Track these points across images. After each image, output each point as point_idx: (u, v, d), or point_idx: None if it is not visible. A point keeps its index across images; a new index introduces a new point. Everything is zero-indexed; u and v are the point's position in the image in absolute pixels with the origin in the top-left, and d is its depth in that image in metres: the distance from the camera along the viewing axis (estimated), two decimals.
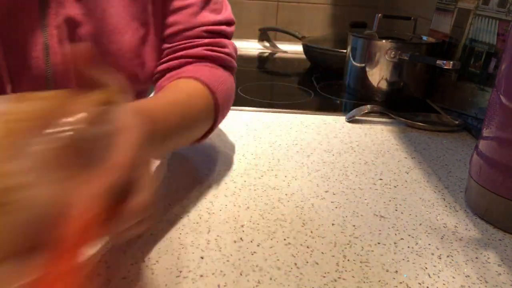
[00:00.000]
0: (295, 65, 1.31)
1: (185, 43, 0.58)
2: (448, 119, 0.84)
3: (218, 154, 0.65)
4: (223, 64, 0.59)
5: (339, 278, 0.40)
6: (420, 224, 0.50)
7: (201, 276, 0.40)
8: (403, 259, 0.44)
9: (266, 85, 1.08)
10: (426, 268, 0.43)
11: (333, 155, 0.68)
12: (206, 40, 0.58)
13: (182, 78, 0.54)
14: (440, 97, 0.95)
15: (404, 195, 0.56)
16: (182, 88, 0.53)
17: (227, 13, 0.62)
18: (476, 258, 0.45)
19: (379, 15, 1.01)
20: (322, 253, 0.44)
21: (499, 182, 0.49)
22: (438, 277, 0.41)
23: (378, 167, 0.64)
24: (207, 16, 0.59)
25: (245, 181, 0.58)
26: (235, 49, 0.64)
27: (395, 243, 0.46)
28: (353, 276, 0.41)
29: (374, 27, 1.01)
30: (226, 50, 0.59)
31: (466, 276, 0.42)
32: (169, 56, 0.57)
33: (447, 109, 0.91)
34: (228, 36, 0.62)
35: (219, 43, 0.59)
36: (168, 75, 0.57)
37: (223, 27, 0.60)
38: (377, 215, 0.51)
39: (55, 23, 0.50)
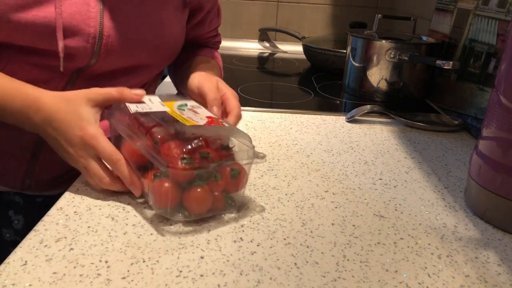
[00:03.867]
0: (295, 65, 1.32)
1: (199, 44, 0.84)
2: (448, 119, 0.84)
3: None
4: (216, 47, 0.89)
5: (339, 277, 0.41)
6: (420, 224, 0.50)
7: (201, 276, 0.40)
8: (403, 259, 0.44)
9: (266, 85, 1.09)
10: (426, 268, 0.43)
11: (333, 155, 0.68)
12: (214, 40, 0.86)
13: (202, 56, 0.79)
14: (440, 97, 0.95)
15: (403, 195, 0.57)
16: (207, 61, 0.79)
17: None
18: (476, 257, 0.45)
19: (379, 15, 1.01)
20: (322, 253, 0.44)
21: (499, 182, 0.49)
22: (438, 276, 0.41)
23: (378, 167, 0.64)
24: (216, 21, 0.84)
25: None
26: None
27: (394, 243, 0.46)
28: (353, 276, 0.41)
29: (374, 27, 1.01)
30: (217, 39, 0.87)
31: (465, 276, 0.42)
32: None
33: (446, 109, 0.91)
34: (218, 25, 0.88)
35: (217, 37, 0.87)
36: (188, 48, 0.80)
37: (219, 23, 0.86)
38: (377, 215, 0.51)
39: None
